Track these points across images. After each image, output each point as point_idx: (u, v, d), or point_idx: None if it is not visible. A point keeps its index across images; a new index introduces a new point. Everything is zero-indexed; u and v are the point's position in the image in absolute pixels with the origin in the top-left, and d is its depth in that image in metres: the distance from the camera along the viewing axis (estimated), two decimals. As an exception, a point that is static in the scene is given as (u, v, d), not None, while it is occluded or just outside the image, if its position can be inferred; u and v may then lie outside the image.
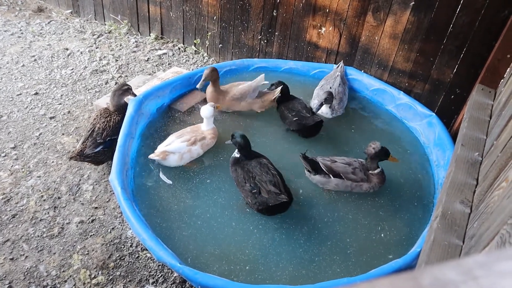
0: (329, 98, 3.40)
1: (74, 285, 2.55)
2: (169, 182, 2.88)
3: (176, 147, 2.93)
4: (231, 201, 2.75)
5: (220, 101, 3.45)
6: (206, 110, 3.12)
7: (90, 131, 3.16)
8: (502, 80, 2.98)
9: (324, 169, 2.79)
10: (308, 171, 2.87)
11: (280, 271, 2.37)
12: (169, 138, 3.06)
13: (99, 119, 3.22)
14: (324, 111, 3.50)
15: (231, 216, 2.66)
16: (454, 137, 3.03)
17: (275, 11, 4.07)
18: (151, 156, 2.90)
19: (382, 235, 2.61)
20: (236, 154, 2.84)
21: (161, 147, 2.97)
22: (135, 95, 3.40)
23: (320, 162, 2.82)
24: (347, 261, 2.45)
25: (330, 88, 3.59)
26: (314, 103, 3.57)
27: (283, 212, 2.64)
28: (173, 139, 3.01)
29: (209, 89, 3.47)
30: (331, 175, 2.79)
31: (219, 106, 3.34)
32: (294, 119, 3.26)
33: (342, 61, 3.89)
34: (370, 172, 2.82)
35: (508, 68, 2.92)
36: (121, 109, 3.33)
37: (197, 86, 3.50)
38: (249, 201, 2.63)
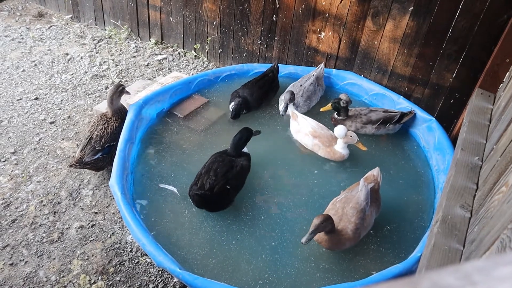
0: (292, 98, 3.43)
1: (73, 290, 2.54)
2: (173, 189, 2.83)
3: (303, 122, 3.18)
4: (235, 207, 2.75)
5: None
6: (339, 129, 2.98)
7: (88, 139, 3.17)
8: (501, 85, 2.99)
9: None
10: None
11: (282, 277, 2.36)
12: (308, 118, 3.24)
13: (97, 126, 3.23)
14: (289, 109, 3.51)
15: (233, 224, 2.66)
16: (454, 141, 3.03)
17: (274, 16, 4.08)
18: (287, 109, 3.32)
19: (379, 240, 2.61)
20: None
21: (298, 112, 3.31)
22: (127, 93, 3.43)
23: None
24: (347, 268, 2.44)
25: (301, 86, 3.62)
26: (281, 105, 3.55)
27: (209, 210, 2.66)
28: (310, 120, 3.20)
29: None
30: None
31: (363, 148, 3.02)
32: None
33: (323, 63, 3.89)
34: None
35: (508, 72, 2.93)
36: (119, 114, 3.34)
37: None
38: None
